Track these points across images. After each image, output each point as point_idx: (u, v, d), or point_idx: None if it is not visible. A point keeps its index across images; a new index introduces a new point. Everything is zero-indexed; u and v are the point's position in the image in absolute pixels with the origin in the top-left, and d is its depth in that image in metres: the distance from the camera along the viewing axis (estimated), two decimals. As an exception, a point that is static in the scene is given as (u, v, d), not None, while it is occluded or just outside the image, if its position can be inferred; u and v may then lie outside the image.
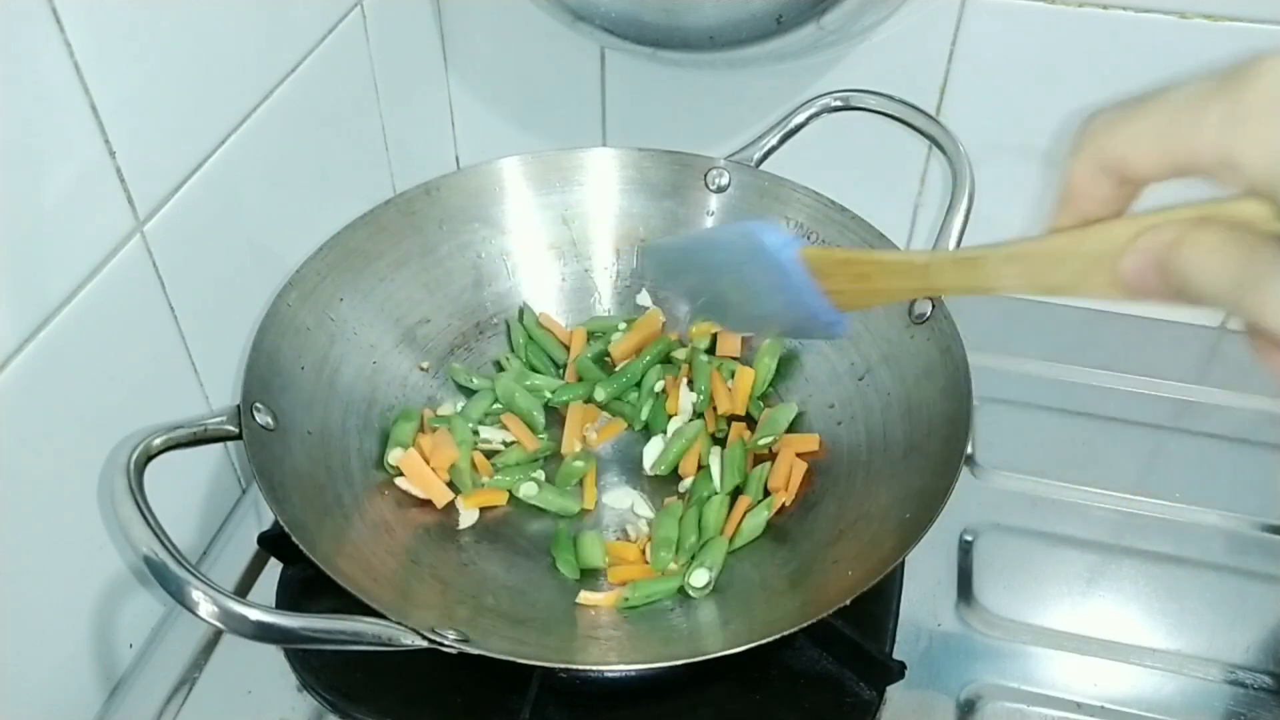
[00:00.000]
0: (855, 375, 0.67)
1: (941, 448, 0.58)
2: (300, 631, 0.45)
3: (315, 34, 0.70)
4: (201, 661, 0.61)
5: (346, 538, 0.56)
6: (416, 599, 0.55)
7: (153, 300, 0.59)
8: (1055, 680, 0.59)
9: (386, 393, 0.67)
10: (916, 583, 0.64)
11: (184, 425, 0.53)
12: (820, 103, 0.70)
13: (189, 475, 0.66)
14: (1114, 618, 0.63)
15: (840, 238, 0.69)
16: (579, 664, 0.56)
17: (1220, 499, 0.68)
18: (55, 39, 0.49)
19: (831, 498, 0.62)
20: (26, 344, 0.50)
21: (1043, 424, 0.75)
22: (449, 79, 0.89)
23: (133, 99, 0.54)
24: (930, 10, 0.73)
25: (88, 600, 0.59)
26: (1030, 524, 0.68)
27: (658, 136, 0.84)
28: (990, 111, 0.77)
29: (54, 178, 0.50)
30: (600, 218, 0.74)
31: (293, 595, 0.62)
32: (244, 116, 0.63)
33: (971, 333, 0.61)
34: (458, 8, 0.85)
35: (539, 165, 0.73)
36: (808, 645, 0.59)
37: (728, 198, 0.73)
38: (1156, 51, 0.71)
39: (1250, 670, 0.60)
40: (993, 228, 0.78)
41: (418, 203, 0.70)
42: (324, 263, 0.65)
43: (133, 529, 0.45)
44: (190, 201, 0.60)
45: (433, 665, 0.58)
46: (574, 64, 0.84)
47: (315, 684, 0.58)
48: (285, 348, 0.61)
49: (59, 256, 0.52)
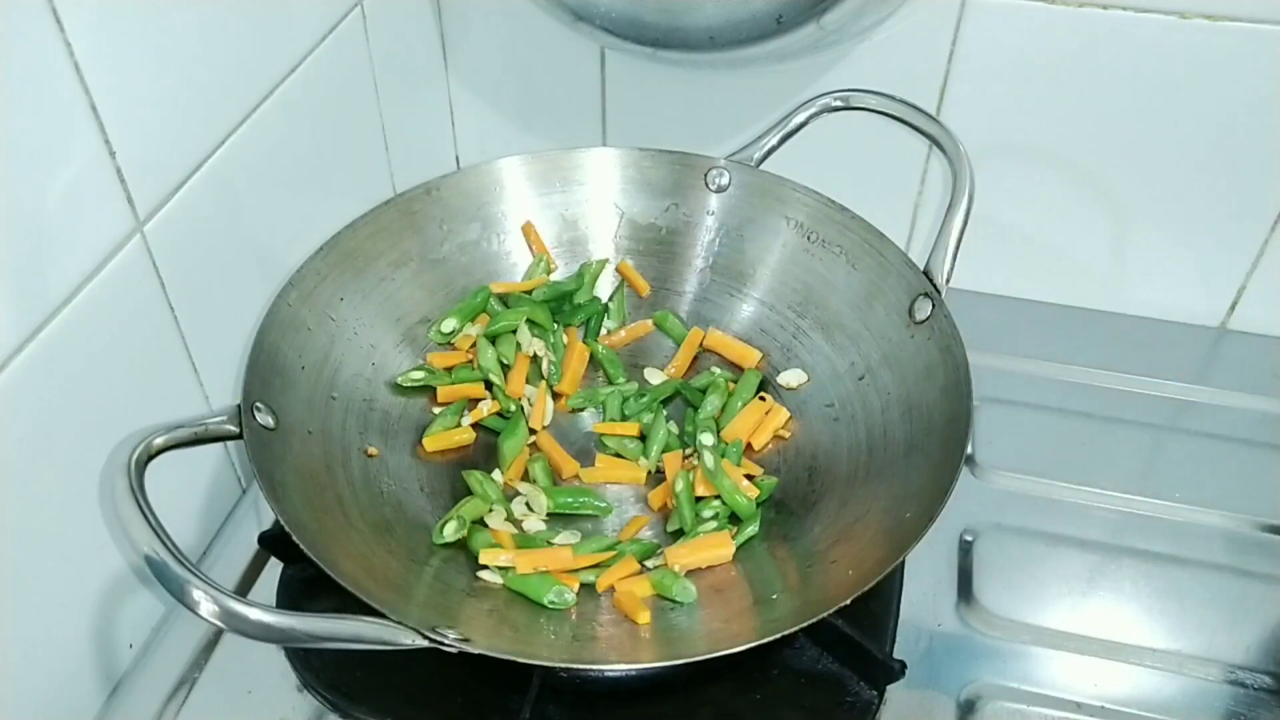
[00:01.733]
0: (855, 375, 0.67)
1: (941, 448, 0.58)
2: (301, 631, 0.45)
3: (315, 34, 0.70)
4: (201, 661, 0.61)
5: (346, 538, 0.56)
6: (416, 599, 0.55)
7: (153, 300, 0.59)
8: (1055, 680, 0.59)
9: (386, 393, 0.67)
10: (916, 583, 0.64)
11: (184, 425, 0.53)
12: (820, 103, 0.70)
13: (189, 475, 0.66)
14: (1114, 618, 0.63)
15: (840, 238, 0.69)
16: (579, 664, 0.56)
17: (1220, 499, 0.68)
18: (55, 39, 0.49)
19: (831, 498, 0.62)
20: (26, 344, 0.50)
21: (1043, 424, 0.75)
22: (449, 79, 0.89)
23: (133, 99, 0.54)
24: (930, 10, 0.74)
25: (88, 600, 0.59)
26: (1030, 524, 0.68)
27: (658, 136, 0.84)
28: (990, 111, 0.77)
29: (54, 177, 0.50)
30: (600, 218, 0.75)
31: (293, 595, 0.62)
32: (244, 116, 0.63)
33: (971, 333, 0.61)
34: (458, 8, 0.85)
35: (539, 165, 0.73)
36: (808, 645, 0.59)
37: (728, 198, 0.73)
38: (1156, 51, 0.71)
39: (1250, 670, 0.60)
40: (993, 228, 0.79)
41: (418, 203, 0.70)
42: (324, 263, 0.65)
43: (133, 528, 0.45)
44: (190, 201, 0.60)
45: (433, 665, 0.58)
46: (574, 64, 0.84)
47: (315, 684, 0.58)
48: (285, 348, 0.61)
49: (59, 256, 0.51)
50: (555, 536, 0.62)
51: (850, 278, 0.68)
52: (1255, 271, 0.79)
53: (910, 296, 0.64)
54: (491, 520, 0.62)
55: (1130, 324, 0.83)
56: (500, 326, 0.70)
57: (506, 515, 0.63)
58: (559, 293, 0.72)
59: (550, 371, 0.70)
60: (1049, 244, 0.83)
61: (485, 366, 0.69)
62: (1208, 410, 0.75)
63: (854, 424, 0.65)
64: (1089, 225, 0.81)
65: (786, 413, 0.68)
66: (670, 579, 0.58)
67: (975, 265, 0.79)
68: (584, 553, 0.60)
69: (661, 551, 0.61)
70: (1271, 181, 0.75)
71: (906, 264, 0.65)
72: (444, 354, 0.70)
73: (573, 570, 0.59)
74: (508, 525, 0.62)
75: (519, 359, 0.70)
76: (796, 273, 0.71)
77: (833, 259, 0.69)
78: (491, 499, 0.63)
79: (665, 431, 0.67)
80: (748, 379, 0.69)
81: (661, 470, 0.66)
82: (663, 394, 0.69)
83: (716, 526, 0.62)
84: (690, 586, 0.58)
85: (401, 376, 0.67)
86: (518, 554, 0.59)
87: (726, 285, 0.73)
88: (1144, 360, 0.79)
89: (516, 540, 0.61)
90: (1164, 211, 0.79)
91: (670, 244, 0.74)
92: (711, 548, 0.60)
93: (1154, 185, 0.77)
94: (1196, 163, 0.75)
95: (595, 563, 0.60)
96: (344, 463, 0.61)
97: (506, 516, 0.62)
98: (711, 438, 0.65)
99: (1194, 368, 0.79)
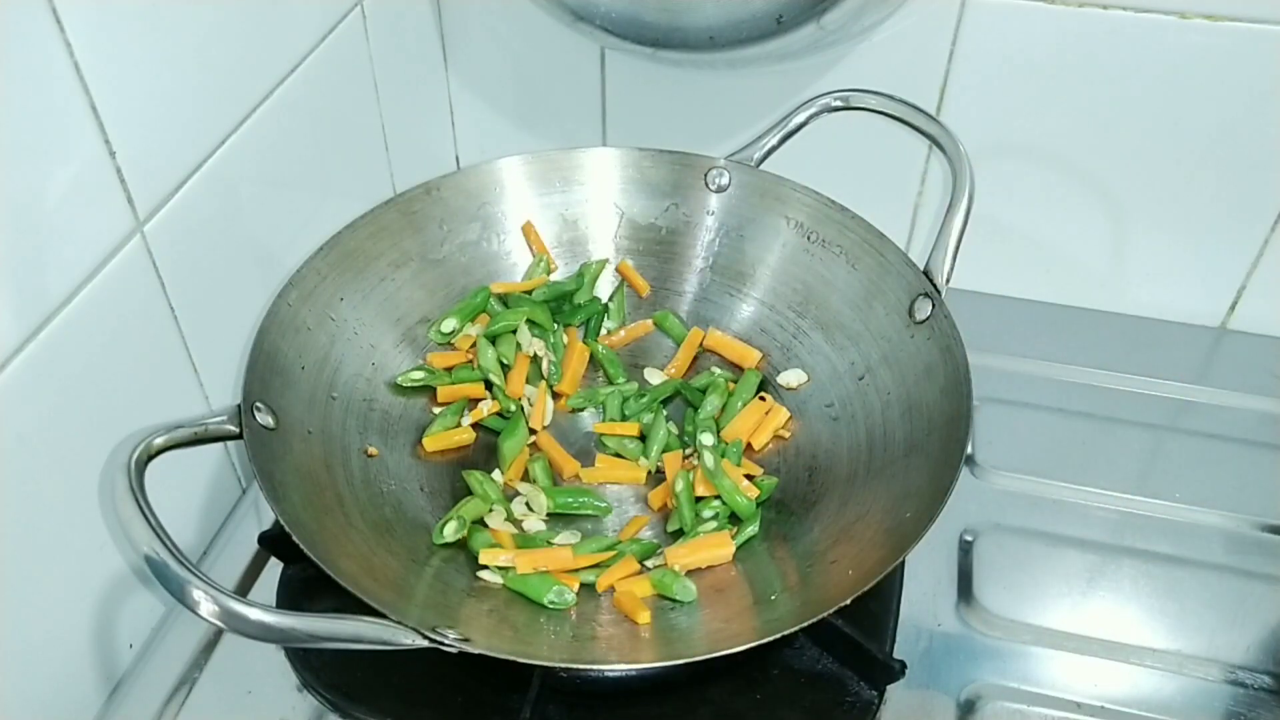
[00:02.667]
0: (855, 375, 0.67)
1: (941, 448, 0.58)
2: (301, 631, 0.45)
3: (315, 34, 0.70)
4: (201, 661, 0.61)
5: (346, 537, 0.56)
6: (416, 599, 0.55)
7: (153, 300, 0.59)
8: (1055, 680, 0.59)
9: (386, 393, 0.67)
10: (916, 583, 0.64)
11: (185, 425, 0.53)
12: (820, 103, 0.70)
13: (189, 475, 0.66)
14: (1114, 618, 0.63)
15: (840, 238, 0.69)
16: (579, 664, 0.56)
17: (1220, 499, 0.68)
18: (55, 39, 0.49)
19: (831, 498, 0.62)
20: (27, 344, 0.50)
21: (1043, 424, 0.75)
22: (449, 79, 0.89)
23: (133, 99, 0.54)
24: (930, 10, 0.74)
25: (88, 600, 0.59)
26: (1030, 524, 0.68)
27: (658, 136, 0.84)
28: (990, 111, 0.77)
29: (54, 177, 0.50)
30: (600, 218, 0.75)
31: (293, 595, 0.62)
32: (244, 116, 0.63)
33: (971, 333, 0.61)
34: (458, 8, 0.85)
35: (539, 165, 0.73)
36: (808, 645, 0.59)
37: (728, 198, 0.73)
38: (1156, 51, 0.71)
39: (1250, 670, 0.60)
40: (993, 228, 0.79)
41: (418, 203, 0.70)
42: (324, 263, 0.65)
43: (134, 528, 0.45)
44: (190, 201, 0.60)
45: (433, 665, 0.58)
46: (574, 64, 0.84)
47: (315, 684, 0.58)
48: (285, 348, 0.61)
49: (59, 256, 0.51)
50: (555, 536, 0.62)
51: (850, 278, 0.68)
52: (1255, 271, 0.79)
53: (910, 296, 0.64)
54: (491, 520, 0.62)
55: (1130, 324, 0.83)
56: (500, 327, 0.70)
57: (506, 515, 0.63)
58: (559, 293, 0.72)
59: (550, 371, 0.70)
60: (1049, 244, 0.83)
61: (485, 367, 0.69)
62: (1208, 410, 0.75)
63: (854, 424, 0.65)
64: (1089, 225, 0.81)
65: (786, 413, 0.68)
66: (671, 578, 0.58)
67: (975, 265, 0.79)
68: (584, 553, 0.60)
69: (661, 551, 0.61)
70: (1271, 181, 0.75)
71: (906, 264, 0.65)
72: (444, 354, 0.70)
73: (573, 570, 0.59)
74: (508, 525, 0.62)
75: (519, 359, 0.70)
76: (796, 273, 0.71)
77: (833, 259, 0.69)
78: (491, 499, 0.63)
79: (665, 431, 0.67)
80: (748, 379, 0.69)
81: (661, 470, 0.66)
82: (663, 394, 0.69)
83: (716, 526, 0.62)
84: (691, 586, 0.58)
85: (401, 377, 0.67)
86: (518, 554, 0.59)
87: (726, 285, 0.73)
88: (1144, 360, 0.79)
89: (516, 540, 0.61)
90: (1164, 211, 0.79)
91: (670, 244, 0.74)
92: (711, 548, 0.60)
93: (1154, 185, 0.77)
94: (1196, 163, 0.75)
95: (595, 562, 0.60)
96: (344, 463, 0.61)
97: (506, 517, 0.62)
98: (711, 438, 0.65)
99: (1194, 368, 0.79)
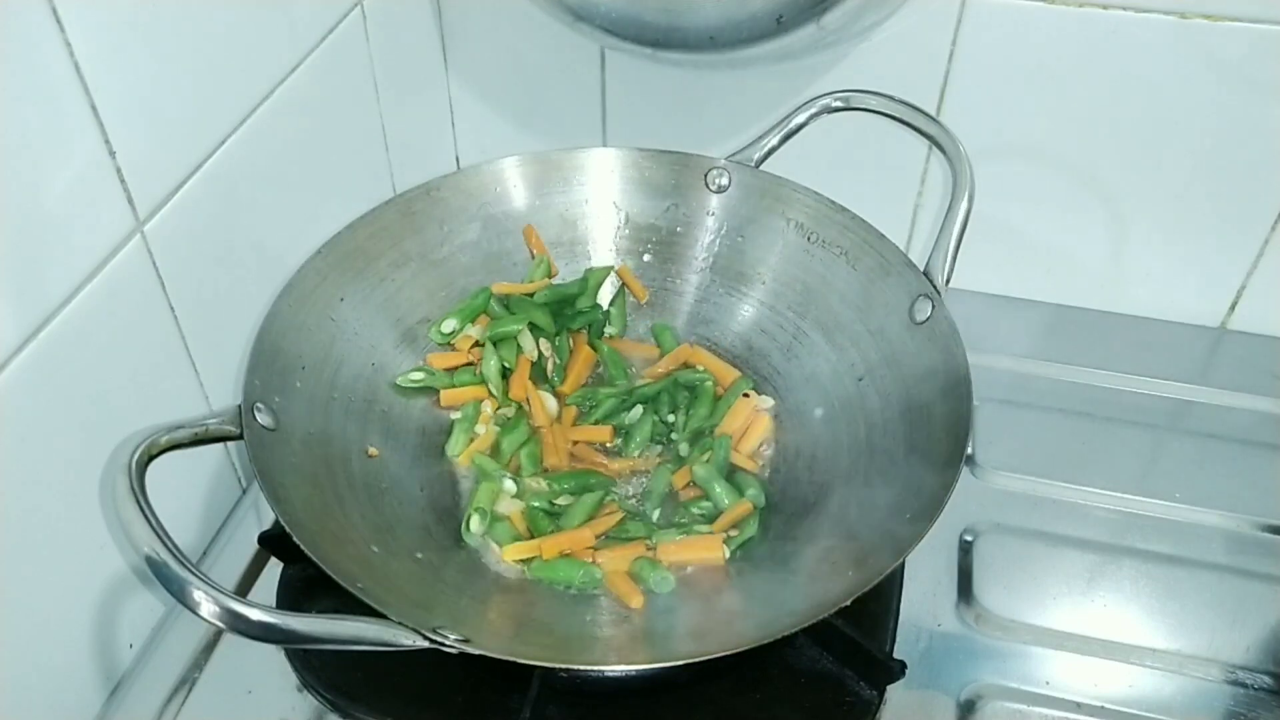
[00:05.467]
0: (855, 375, 0.67)
1: (941, 448, 0.58)
2: (301, 631, 0.45)
3: (315, 34, 0.70)
4: (201, 661, 0.61)
5: (346, 538, 0.56)
6: (416, 599, 0.55)
7: (153, 300, 0.59)
8: (1055, 680, 0.59)
9: (386, 393, 0.67)
10: (916, 583, 0.64)
11: (185, 425, 0.53)
12: (820, 103, 0.70)
13: (189, 475, 0.66)
14: (1114, 618, 0.63)
15: (840, 238, 0.69)
16: (579, 664, 0.56)
17: (1220, 499, 0.69)
18: (55, 39, 0.49)
19: (831, 498, 0.62)
20: (27, 344, 0.50)
21: (1043, 424, 0.75)
22: (449, 79, 0.89)
23: (133, 99, 0.54)
24: (930, 10, 0.74)
25: (88, 600, 0.59)
26: (1030, 524, 0.68)
27: (658, 136, 0.84)
28: (990, 111, 0.77)
29: (54, 177, 0.50)
30: (600, 218, 0.75)
31: (293, 595, 0.62)
32: (244, 116, 0.63)
33: (971, 333, 0.61)
34: (458, 8, 0.85)
35: (539, 165, 0.73)
36: (808, 645, 0.59)
37: (728, 198, 0.73)
38: (1156, 51, 0.71)
39: (1250, 670, 0.60)
40: (993, 228, 0.79)
41: (418, 203, 0.70)
42: (324, 263, 0.65)
43: (134, 529, 0.45)
44: (190, 201, 0.60)
45: (433, 665, 0.58)
46: (574, 64, 0.84)
47: (315, 684, 0.58)
48: (285, 348, 0.61)
49: (59, 256, 0.52)
50: (558, 498, 0.63)
51: (850, 278, 0.68)
52: (1255, 271, 0.79)
53: (910, 297, 0.64)
54: (501, 505, 0.63)
55: (1130, 324, 0.83)
56: (502, 331, 0.70)
57: (515, 489, 0.63)
58: (561, 296, 0.72)
59: (553, 372, 0.70)
60: (1049, 244, 0.83)
61: (487, 376, 0.69)
62: (1207, 410, 0.75)
63: (854, 424, 0.65)
64: (1089, 225, 0.81)
65: (769, 418, 0.68)
66: (649, 568, 0.58)
67: (975, 265, 0.79)
68: (584, 511, 0.62)
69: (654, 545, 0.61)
70: (1271, 182, 0.75)
71: (906, 264, 0.65)
72: (444, 355, 0.70)
73: (593, 547, 0.60)
74: (515, 503, 0.63)
75: (521, 362, 0.70)
76: (796, 273, 0.71)
77: (833, 259, 0.69)
78: (494, 472, 0.64)
79: (649, 427, 0.67)
80: (737, 385, 0.69)
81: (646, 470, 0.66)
82: (648, 393, 0.69)
83: (707, 528, 0.62)
84: (670, 577, 0.58)
85: (401, 377, 0.67)
86: (542, 541, 0.60)
87: (727, 286, 0.73)
88: (1144, 360, 0.79)
89: (527, 516, 0.62)
90: (1164, 211, 0.79)
91: (670, 245, 0.74)
92: (701, 549, 0.60)
93: (1154, 185, 0.77)
94: (1196, 163, 0.75)
95: (609, 527, 0.61)
96: (344, 463, 0.61)
97: (515, 493, 0.63)
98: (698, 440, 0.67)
99: (1194, 368, 0.79)
